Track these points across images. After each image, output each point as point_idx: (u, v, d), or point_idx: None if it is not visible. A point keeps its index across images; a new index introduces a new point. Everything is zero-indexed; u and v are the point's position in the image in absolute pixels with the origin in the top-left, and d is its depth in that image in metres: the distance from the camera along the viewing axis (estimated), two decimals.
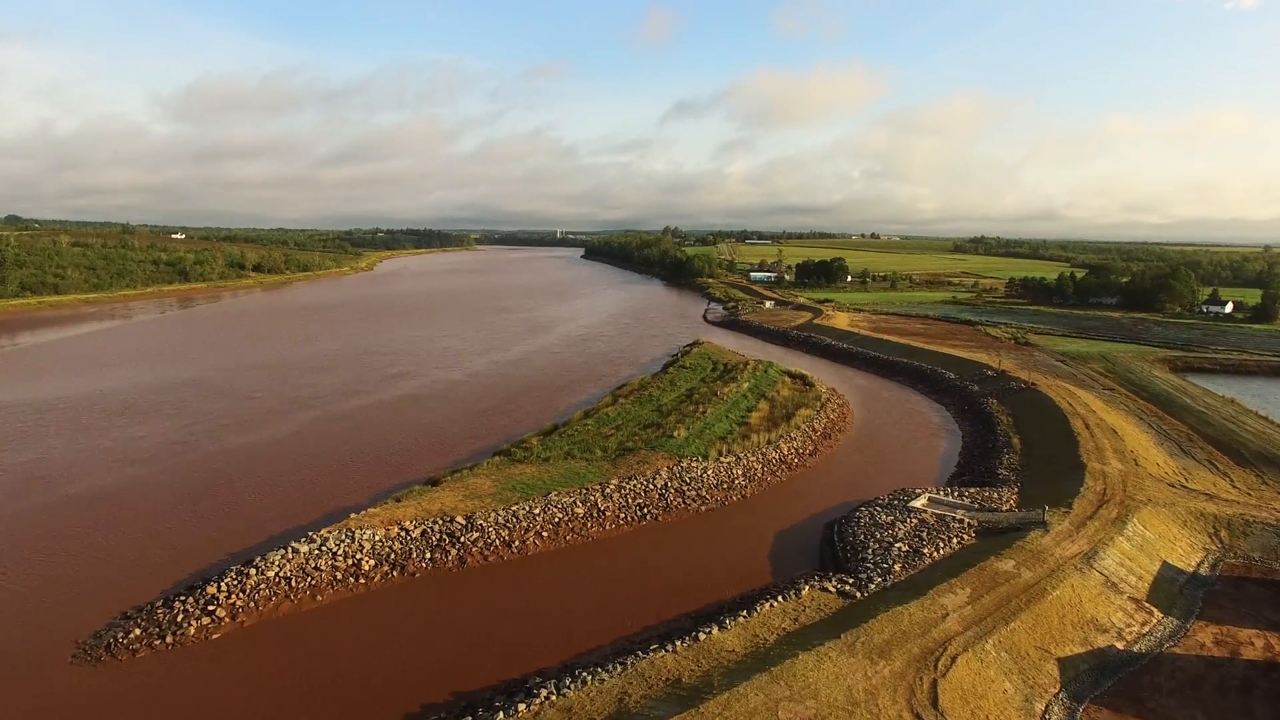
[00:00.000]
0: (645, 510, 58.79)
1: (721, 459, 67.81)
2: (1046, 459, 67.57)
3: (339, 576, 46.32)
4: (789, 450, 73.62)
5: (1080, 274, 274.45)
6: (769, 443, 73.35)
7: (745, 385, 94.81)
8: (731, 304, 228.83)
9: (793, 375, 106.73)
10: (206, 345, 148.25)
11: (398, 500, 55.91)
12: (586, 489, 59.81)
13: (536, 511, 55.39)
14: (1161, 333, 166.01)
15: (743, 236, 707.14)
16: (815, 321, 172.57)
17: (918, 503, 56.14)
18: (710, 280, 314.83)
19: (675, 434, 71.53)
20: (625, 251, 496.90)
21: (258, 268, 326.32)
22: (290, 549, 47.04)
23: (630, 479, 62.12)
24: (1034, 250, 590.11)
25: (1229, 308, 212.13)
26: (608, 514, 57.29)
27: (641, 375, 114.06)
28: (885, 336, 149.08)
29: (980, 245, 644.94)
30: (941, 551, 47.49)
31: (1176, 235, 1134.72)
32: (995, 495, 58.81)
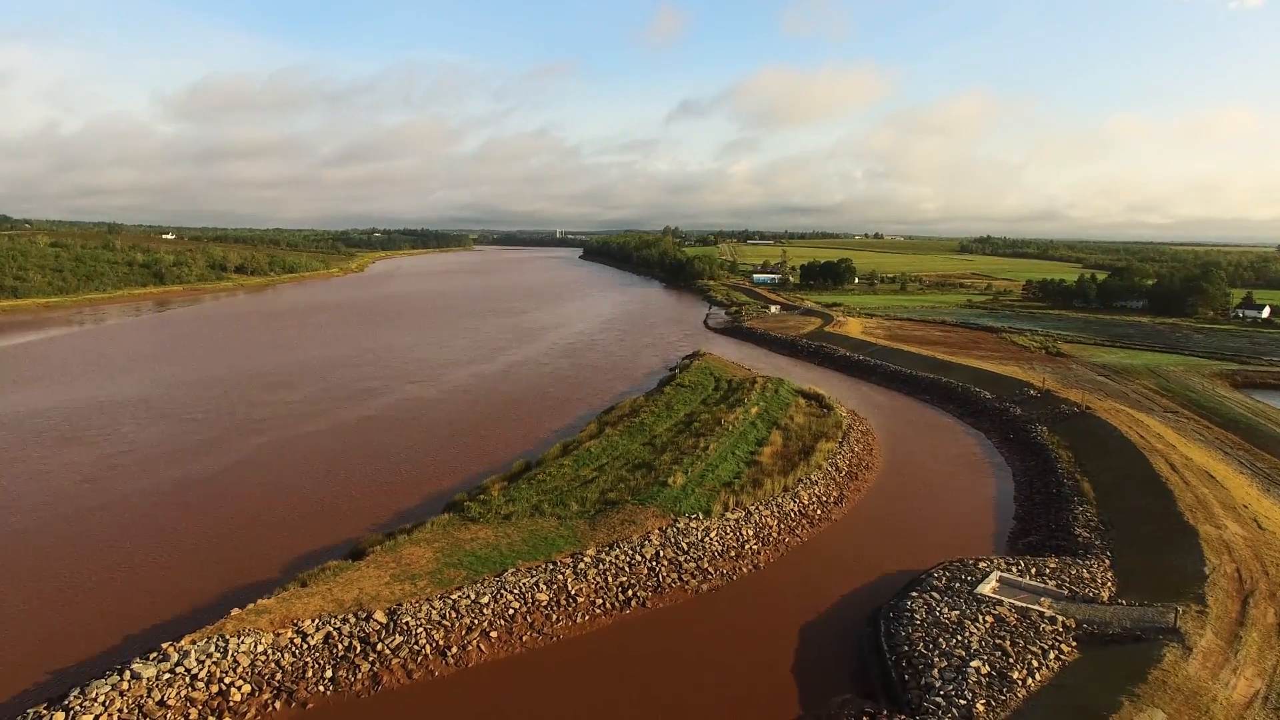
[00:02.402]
0: (630, 592, 45.36)
1: (728, 515, 54.34)
2: (1134, 514, 54.05)
3: (193, 716, 32.90)
4: (809, 499, 60.13)
5: (1101, 276, 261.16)
6: (785, 490, 59.85)
7: (754, 410, 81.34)
8: (734, 308, 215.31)
9: (807, 395, 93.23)
10: (160, 355, 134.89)
11: (303, 584, 42.46)
12: (554, 563, 46.37)
13: (485, 600, 41.93)
14: (1203, 341, 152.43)
15: (744, 237, 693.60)
16: (826, 329, 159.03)
17: (986, 587, 42.68)
18: (711, 283, 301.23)
19: (670, 480, 58.05)
20: (624, 252, 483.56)
21: (240, 269, 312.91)
22: (128, 674, 33.63)
23: (612, 546, 48.68)
24: (1042, 250, 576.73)
25: (1266, 312, 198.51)
26: (580, 600, 43.84)
27: (635, 395, 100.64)
28: (904, 346, 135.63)
29: (986, 245, 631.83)
30: (1038, 676, 34.02)
31: (1179, 235, 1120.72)
32: (1083, 572, 45.30)
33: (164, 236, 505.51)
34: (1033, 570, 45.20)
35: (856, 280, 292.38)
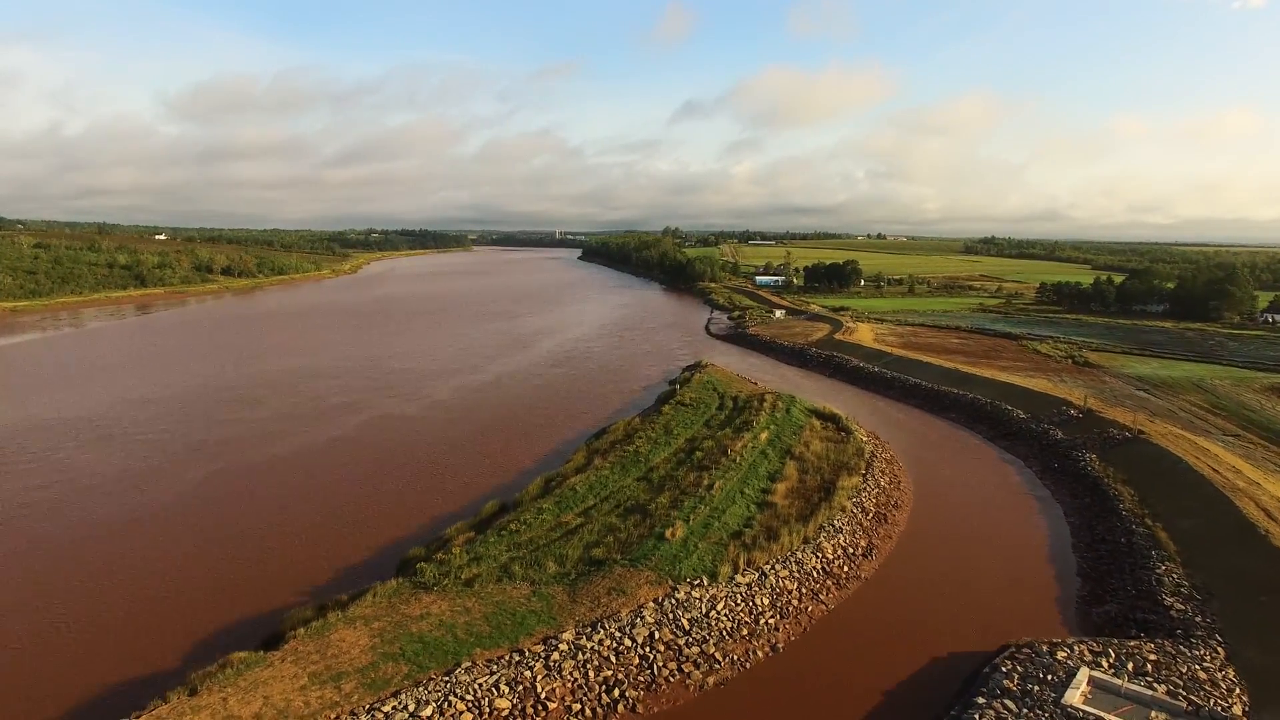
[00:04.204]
0: (616, 691, 35.70)
1: (738, 578, 44.70)
2: (1237, 579, 44.35)
3: None
4: (834, 551, 50.50)
5: (1118, 278, 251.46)
6: (805, 541, 50.20)
7: (764, 435, 71.70)
8: (737, 313, 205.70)
9: (822, 415, 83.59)
10: (124, 365, 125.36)
11: (192, 691, 32.82)
12: (522, 651, 36.77)
13: (427, 713, 32.30)
14: (1239, 348, 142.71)
15: (745, 237, 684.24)
16: (836, 336, 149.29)
17: (1075, 695, 33.03)
18: (713, 285, 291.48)
19: (668, 533, 48.39)
20: (623, 253, 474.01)
21: (226, 271, 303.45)
22: None
23: (595, 626, 39.07)
24: (1049, 251, 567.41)
25: None
26: (551, 706, 34.21)
27: (631, 413, 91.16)
28: (921, 356, 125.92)
29: (991, 246, 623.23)
30: None
31: (1180, 235, 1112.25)
32: (1196, 668, 35.64)
33: (156, 237, 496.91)
34: (1130, 666, 35.51)
35: (862, 283, 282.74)
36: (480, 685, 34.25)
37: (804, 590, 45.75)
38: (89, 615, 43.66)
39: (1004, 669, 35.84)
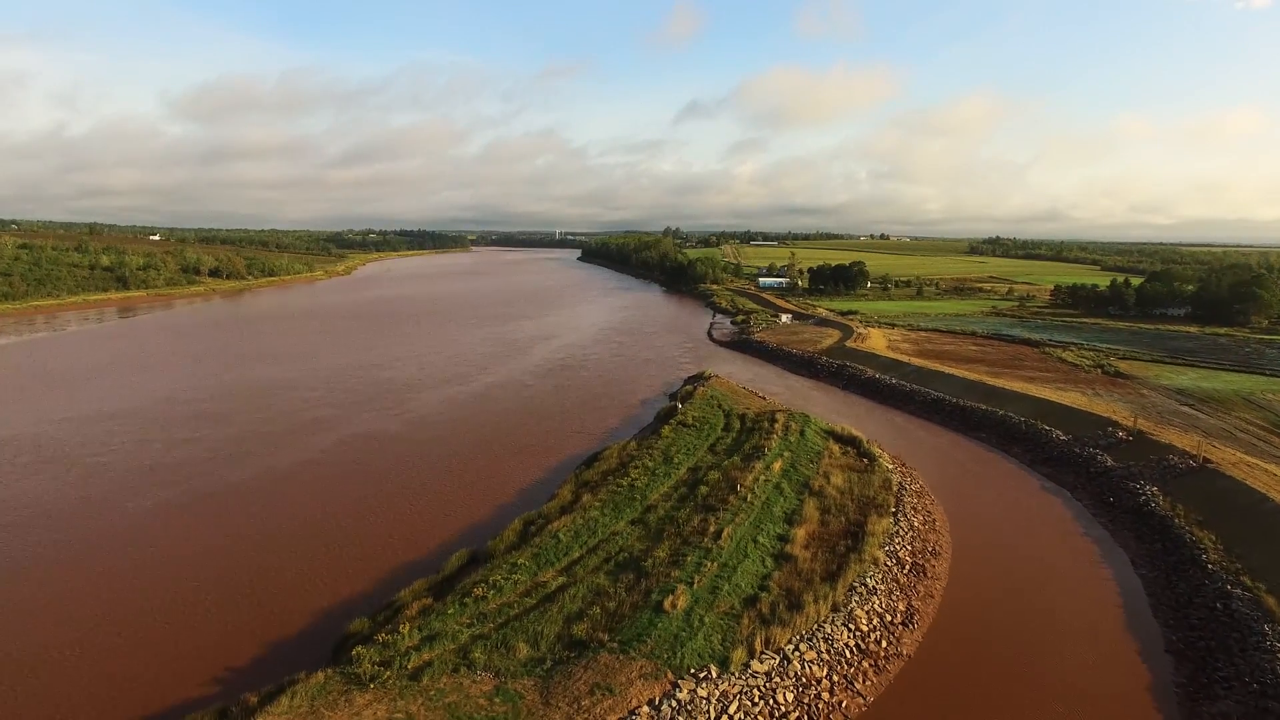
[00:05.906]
0: None
1: (755, 665, 35.70)
2: None
3: None
4: (868, 620, 41.47)
5: (1136, 280, 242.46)
6: (835, 609, 41.14)
7: (777, 465, 62.72)
8: (741, 317, 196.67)
9: (840, 438, 74.67)
10: (84, 376, 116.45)
11: None
12: None
13: None
14: (1278, 356, 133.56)
15: (747, 238, 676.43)
16: (847, 344, 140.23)
17: None
18: (715, 287, 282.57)
19: (668, 602, 39.39)
20: (623, 253, 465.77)
21: (214, 273, 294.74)
22: None
23: None
24: (1056, 252, 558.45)
25: None
26: None
27: (627, 434, 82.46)
28: (940, 366, 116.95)
29: (997, 246, 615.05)
30: None
31: (1181, 235, 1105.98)
32: None
33: (151, 238, 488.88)
34: None
35: (869, 284, 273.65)
36: None
37: (835, 678, 36.79)
38: None
39: None
